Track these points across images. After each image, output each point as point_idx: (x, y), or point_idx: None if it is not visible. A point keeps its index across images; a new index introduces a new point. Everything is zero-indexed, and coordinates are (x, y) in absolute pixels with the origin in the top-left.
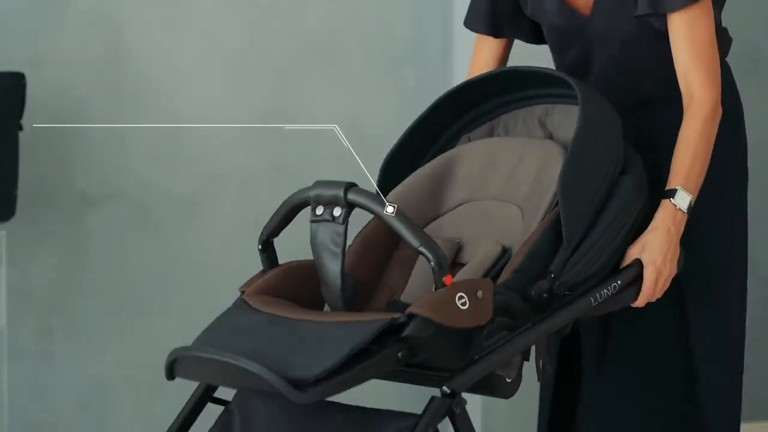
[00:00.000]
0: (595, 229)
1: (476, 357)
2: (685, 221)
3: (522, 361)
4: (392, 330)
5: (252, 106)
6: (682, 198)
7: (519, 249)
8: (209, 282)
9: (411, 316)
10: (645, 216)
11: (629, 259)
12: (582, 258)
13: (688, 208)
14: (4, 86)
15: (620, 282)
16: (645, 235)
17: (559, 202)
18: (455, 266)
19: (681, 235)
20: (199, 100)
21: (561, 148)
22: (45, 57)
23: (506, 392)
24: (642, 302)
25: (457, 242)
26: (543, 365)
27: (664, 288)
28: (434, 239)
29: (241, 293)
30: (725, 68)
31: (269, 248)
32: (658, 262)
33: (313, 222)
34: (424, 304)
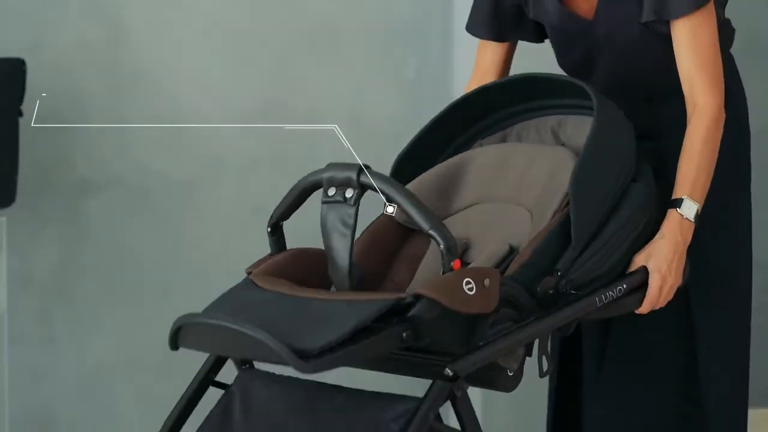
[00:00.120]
0: (604, 232)
1: (480, 344)
2: (693, 230)
3: (524, 356)
4: (398, 310)
5: (252, 93)
6: (689, 207)
7: (527, 245)
8: (209, 268)
9: (417, 297)
10: (653, 226)
11: (635, 266)
12: (589, 259)
13: (695, 217)
14: (4, 72)
15: (626, 286)
16: (652, 243)
17: (570, 201)
18: (462, 266)
19: (688, 244)
20: (199, 86)
21: (573, 154)
22: (44, 42)
23: (507, 386)
24: (646, 309)
25: (465, 242)
26: (545, 361)
27: (669, 296)
28: None
29: (248, 274)
30: (729, 61)
31: (278, 231)
32: (664, 269)
33: (325, 203)
34: (431, 286)
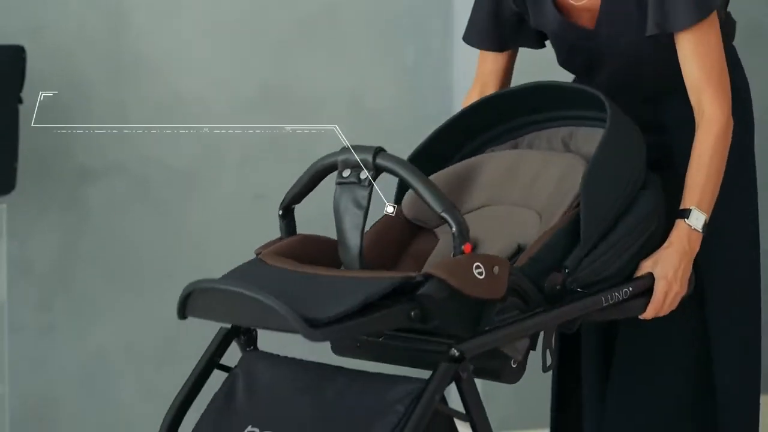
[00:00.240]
0: (612, 235)
1: (487, 328)
2: (700, 240)
3: (529, 348)
4: (407, 289)
5: (252, 80)
6: (697, 218)
7: (537, 240)
8: (209, 255)
9: (427, 277)
10: (661, 234)
11: (642, 272)
12: (597, 259)
13: (703, 227)
14: (4, 59)
15: (632, 289)
16: (659, 251)
17: (581, 200)
18: None
19: (695, 254)
20: (200, 73)
21: (583, 161)
22: (45, 29)
23: (511, 377)
24: (650, 314)
25: (474, 241)
26: (549, 355)
27: (673, 305)
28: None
29: (257, 255)
30: (732, 54)
31: (289, 215)
32: (670, 276)
33: (339, 184)
34: (442, 267)
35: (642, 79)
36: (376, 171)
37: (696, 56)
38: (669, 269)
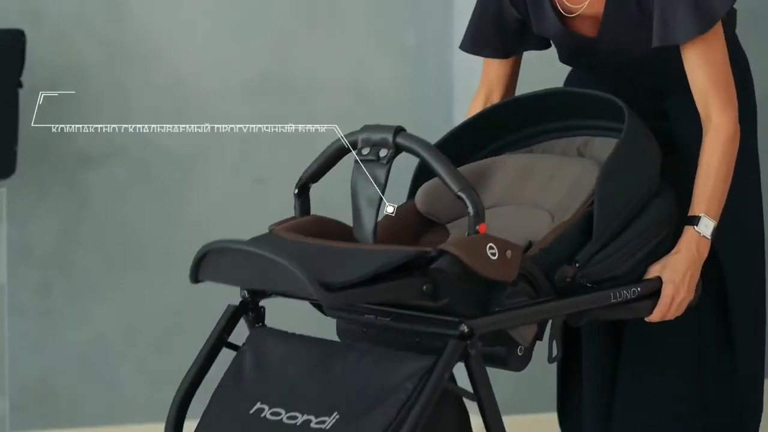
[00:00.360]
0: (623, 235)
1: (496, 309)
2: (709, 246)
3: (535, 337)
4: (421, 264)
5: (252, 63)
6: (706, 225)
7: (549, 232)
8: (210, 239)
9: (441, 252)
10: (671, 242)
11: (650, 275)
12: (607, 257)
13: (711, 234)
14: (4, 43)
15: (640, 289)
16: (668, 257)
17: (596, 196)
18: None
19: (704, 260)
20: (200, 54)
21: (598, 166)
22: (44, 12)
23: (517, 365)
24: (656, 317)
25: None
26: (555, 346)
27: (680, 309)
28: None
29: (270, 231)
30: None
31: (305, 194)
32: (677, 281)
33: (357, 162)
34: (456, 244)
35: (644, 76)
36: (396, 150)
37: (702, 66)
38: (677, 274)
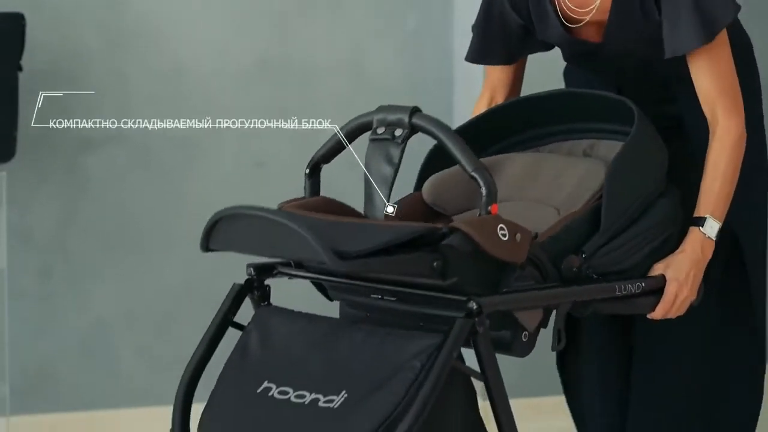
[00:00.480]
0: (630, 230)
1: (504, 290)
2: (713, 247)
3: (541, 322)
4: (432, 240)
5: (251, 48)
6: (711, 226)
7: (557, 221)
8: None
9: (453, 230)
10: (675, 241)
11: (654, 273)
12: (613, 250)
13: (716, 235)
14: (4, 27)
15: (644, 285)
16: (672, 256)
17: (604, 189)
18: None
19: (707, 261)
20: (199, 39)
21: (605, 165)
22: None
23: (521, 351)
24: (658, 314)
25: None
26: (559, 334)
27: (682, 308)
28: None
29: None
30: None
31: (316, 174)
32: (681, 279)
33: (372, 141)
34: (468, 222)
35: (649, 74)
36: (411, 130)
37: (707, 74)
38: (681, 273)
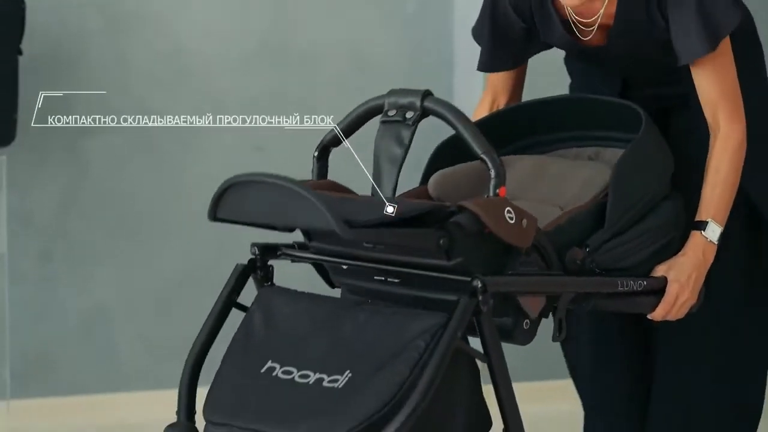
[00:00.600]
0: (633, 230)
1: (510, 272)
2: (715, 251)
3: (542, 311)
4: (440, 217)
5: (251, 32)
6: (713, 230)
7: (562, 213)
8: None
9: (461, 209)
10: (678, 245)
11: (656, 275)
12: (616, 247)
13: (718, 239)
14: (4, 10)
15: (646, 283)
16: (674, 258)
17: (610, 185)
18: None
19: (709, 265)
20: (200, 22)
21: (610, 168)
22: None
23: (522, 338)
24: (659, 315)
25: None
26: (560, 324)
27: (682, 311)
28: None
29: None
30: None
31: (324, 157)
32: (683, 281)
33: (384, 123)
34: (476, 202)
35: (653, 62)
36: (423, 113)
37: (710, 80)
38: (682, 274)
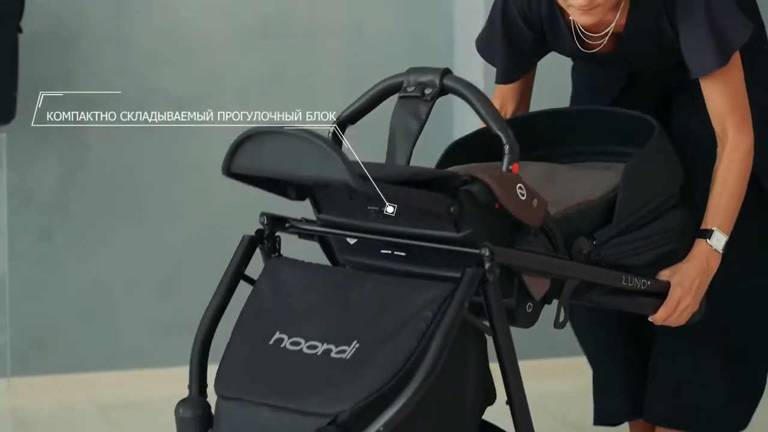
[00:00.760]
0: (640, 231)
1: (518, 247)
2: (719, 260)
3: (546, 294)
4: (453, 186)
5: (253, 8)
6: (718, 239)
7: (573, 204)
8: (209, 185)
9: (473, 179)
10: (683, 253)
11: (660, 279)
12: (622, 244)
13: (723, 248)
14: None
15: (649, 283)
16: (679, 264)
17: (621, 182)
18: None
19: (713, 273)
20: (200, 1)
21: (620, 174)
22: None
23: (524, 321)
24: (660, 318)
25: None
26: (564, 310)
27: (683, 316)
28: None
29: None
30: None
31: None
32: (686, 286)
33: (402, 98)
34: (489, 175)
35: (660, 70)
36: (442, 90)
37: (719, 93)
38: (686, 280)
